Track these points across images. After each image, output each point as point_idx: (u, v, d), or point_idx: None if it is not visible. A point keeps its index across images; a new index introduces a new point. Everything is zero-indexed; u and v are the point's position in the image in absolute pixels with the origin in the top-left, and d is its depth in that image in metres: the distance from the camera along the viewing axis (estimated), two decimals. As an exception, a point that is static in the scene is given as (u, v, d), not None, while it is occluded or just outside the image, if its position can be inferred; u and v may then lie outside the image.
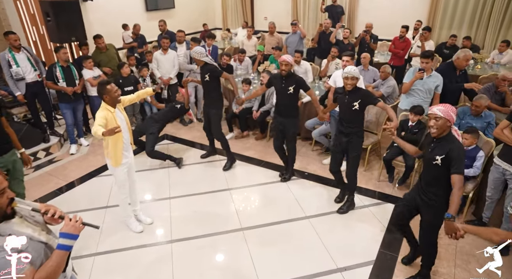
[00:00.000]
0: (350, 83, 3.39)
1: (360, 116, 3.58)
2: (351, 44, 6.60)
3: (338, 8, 8.17)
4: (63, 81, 4.85)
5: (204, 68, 4.37)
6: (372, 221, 3.65)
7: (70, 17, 5.25)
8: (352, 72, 3.36)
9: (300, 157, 4.94)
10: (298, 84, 3.92)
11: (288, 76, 3.90)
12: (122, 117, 3.16)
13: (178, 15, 9.37)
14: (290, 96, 3.95)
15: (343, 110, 3.59)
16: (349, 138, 3.60)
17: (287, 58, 3.82)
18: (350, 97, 3.48)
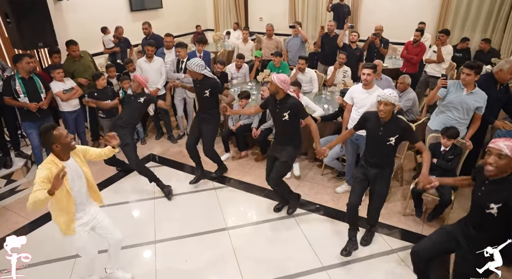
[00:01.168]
0: (384, 110, 2.73)
1: (394, 151, 2.97)
2: (359, 49, 5.92)
3: (345, 8, 7.52)
4: (24, 96, 4.04)
5: (203, 83, 3.75)
6: (405, 271, 2.95)
7: (36, 19, 4.45)
8: (387, 96, 2.69)
9: (307, 182, 4.24)
10: (293, 110, 3.20)
11: (283, 99, 3.21)
12: (77, 168, 2.37)
13: (166, 16, 8.60)
14: (286, 123, 3.25)
15: (374, 142, 2.92)
16: (379, 170, 2.94)
17: (274, 78, 3.10)
18: (386, 129, 2.81)
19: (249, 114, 4.47)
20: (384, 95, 2.71)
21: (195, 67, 3.63)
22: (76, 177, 2.35)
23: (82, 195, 2.43)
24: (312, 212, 3.73)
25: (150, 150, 5.10)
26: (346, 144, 3.82)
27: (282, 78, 3.12)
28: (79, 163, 2.39)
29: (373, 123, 2.90)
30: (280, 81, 3.10)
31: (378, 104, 2.77)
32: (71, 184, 2.31)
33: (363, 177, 3.05)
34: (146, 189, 4.15)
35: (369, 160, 2.99)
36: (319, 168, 4.51)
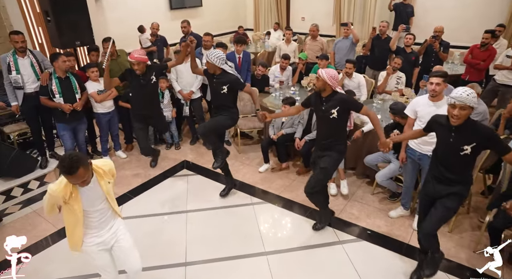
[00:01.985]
0: (457, 114, 2.21)
1: (470, 165, 2.43)
2: (414, 53, 5.33)
3: (408, 8, 6.88)
4: (60, 97, 3.89)
5: (221, 78, 3.37)
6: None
7: (74, 17, 4.31)
8: (464, 98, 2.17)
9: (356, 202, 3.77)
10: (344, 105, 2.81)
11: (330, 96, 2.82)
12: (97, 193, 2.06)
13: (205, 15, 8.38)
14: (333, 122, 2.86)
15: (445, 153, 2.42)
16: (450, 187, 2.44)
17: (320, 71, 2.75)
18: (458, 135, 2.31)
19: (289, 115, 4.07)
20: (460, 97, 2.17)
21: (215, 59, 3.25)
22: (95, 197, 2.07)
23: (103, 214, 2.17)
24: (363, 238, 3.26)
25: (184, 156, 4.82)
26: (406, 163, 3.31)
27: (332, 74, 2.73)
28: (102, 184, 2.05)
29: (443, 127, 2.40)
30: (330, 76, 2.72)
31: (450, 108, 2.25)
32: (87, 207, 2.04)
33: (431, 196, 2.56)
34: (178, 200, 3.86)
35: (438, 175, 2.47)
36: (369, 186, 4.03)
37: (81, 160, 1.83)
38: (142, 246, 3.13)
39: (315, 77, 2.82)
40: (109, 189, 2.11)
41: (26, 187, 4.05)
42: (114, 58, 4.46)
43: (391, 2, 7.08)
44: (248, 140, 5.30)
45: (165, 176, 4.35)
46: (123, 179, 4.20)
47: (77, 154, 1.85)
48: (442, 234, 3.26)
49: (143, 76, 3.77)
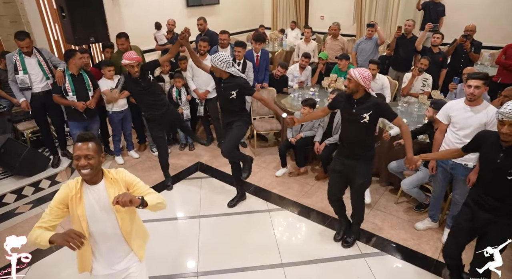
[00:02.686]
0: (510, 133, 1.96)
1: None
2: (442, 53, 5.03)
3: (439, 7, 6.52)
4: (73, 95, 3.78)
5: (229, 83, 3.14)
6: None
7: (89, 13, 4.21)
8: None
9: (379, 212, 3.54)
10: (378, 110, 2.56)
11: (363, 98, 2.58)
12: (103, 201, 1.77)
13: (222, 13, 8.23)
14: (364, 128, 2.60)
15: (490, 174, 2.16)
16: (494, 216, 2.17)
17: (351, 71, 2.51)
18: (508, 156, 2.04)
19: (315, 119, 3.85)
20: (508, 112, 1.94)
21: (219, 63, 3.01)
22: (99, 208, 1.77)
23: (108, 235, 1.82)
24: (387, 252, 3.03)
25: (198, 157, 4.66)
26: (436, 172, 3.06)
27: (365, 73, 2.48)
28: (109, 193, 1.77)
29: (490, 146, 2.15)
30: (363, 77, 2.47)
31: (500, 124, 2.01)
32: (91, 216, 1.75)
33: (470, 223, 2.30)
34: (191, 204, 3.70)
35: (480, 200, 2.23)
36: (393, 194, 3.78)
37: (96, 137, 1.77)
38: (153, 252, 3.00)
39: (347, 79, 2.59)
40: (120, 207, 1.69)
41: (37, 186, 3.97)
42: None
43: (419, 1, 6.75)
44: (264, 142, 5.10)
45: (179, 178, 4.20)
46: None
47: None
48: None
49: (141, 79, 3.45)
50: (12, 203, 3.74)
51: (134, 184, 1.86)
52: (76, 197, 1.74)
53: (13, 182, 3.88)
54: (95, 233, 1.80)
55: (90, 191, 1.77)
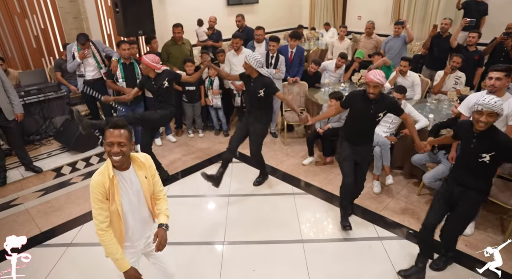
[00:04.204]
0: (486, 122, 2.15)
1: (489, 172, 2.35)
2: (479, 52, 4.99)
3: (481, 6, 6.28)
4: (123, 81, 4.25)
5: (258, 81, 3.46)
6: None
7: (139, 9, 4.65)
8: (490, 104, 2.11)
9: (400, 201, 3.67)
10: (391, 108, 2.84)
11: (378, 100, 2.81)
12: (135, 185, 1.89)
13: (261, 11, 8.53)
14: (376, 122, 2.95)
15: (466, 156, 2.37)
16: (466, 189, 2.39)
17: (374, 78, 2.67)
18: (479, 142, 2.24)
19: (328, 117, 4.04)
20: (486, 104, 2.11)
21: (253, 61, 3.33)
22: (132, 192, 1.88)
23: (136, 215, 1.94)
24: (403, 237, 3.17)
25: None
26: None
27: (382, 74, 2.70)
28: (140, 176, 1.90)
29: (465, 133, 2.35)
30: (382, 77, 2.68)
31: (477, 114, 2.17)
32: (125, 200, 1.86)
33: (448, 194, 2.50)
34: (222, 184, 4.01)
35: (457, 176, 2.45)
36: (415, 187, 3.88)
37: (127, 125, 1.82)
38: (184, 221, 3.34)
39: (372, 86, 2.72)
40: (146, 185, 1.92)
41: (88, 161, 4.48)
42: (178, 44, 4.75)
43: (459, 0, 6.62)
44: (294, 133, 5.34)
45: (211, 161, 4.54)
46: (172, 161, 4.47)
47: None
48: (493, 240, 3.07)
49: (155, 80, 3.71)
50: (68, 174, 4.25)
51: (155, 175, 2.02)
52: (111, 184, 1.78)
53: (69, 156, 4.42)
54: (127, 214, 1.89)
55: (123, 177, 1.84)
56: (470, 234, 3.16)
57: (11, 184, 3.96)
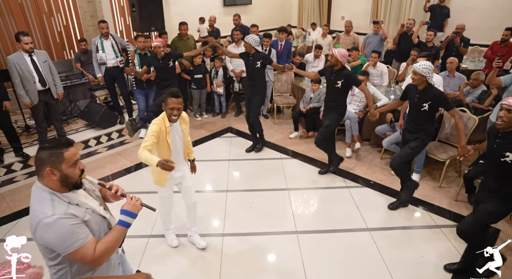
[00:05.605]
0: (413, 78, 3.15)
1: (429, 119, 3.30)
2: (435, 47, 5.97)
3: (444, 9, 7.30)
4: (139, 68, 5.11)
5: (255, 56, 4.45)
6: (444, 243, 3.21)
7: (152, 9, 5.51)
8: (417, 66, 3.10)
9: (367, 164, 4.61)
10: (348, 79, 3.77)
11: (340, 71, 3.77)
12: (179, 133, 2.76)
13: (254, 12, 9.43)
14: (338, 90, 3.86)
15: (412, 109, 3.35)
16: (413, 135, 3.39)
17: (335, 52, 3.69)
18: (420, 96, 3.20)
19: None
20: (415, 66, 3.12)
21: (252, 40, 4.37)
22: (177, 138, 2.74)
23: (178, 153, 2.80)
24: (365, 186, 4.12)
25: (229, 123, 5.91)
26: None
27: (343, 52, 3.70)
28: (183, 127, 2.77)
29: (412, 92, 3.31)
30: (341, 55, 3.66)
31: (412, 75, 3.19)
32: (173, 142, 2.69)
33: (403, 139, 3.52)
34: (222, 152, 4.91)
35: (408, 127, 3.43)
36: (379, 153, 4.83)
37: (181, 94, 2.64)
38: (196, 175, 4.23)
39: (329, 55, 3.78)
40: (186, 133, 2.81)
41: (109, 136, 5.33)
42: (184, 39, 5.65)
43: (426, 4, 7.62)
44: (282, 115, 6.28)
45: (213, 136, 5.45)
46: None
47: None
48: (433, 188, 4.03)
49: (162, 60, 4.71)
50: (94, 146, 5.11)
51: (188, 127, 2.87)
52: (166, 130, 2.61)
53: (94, 131, 5.26)
54: (173, 148, 2.71)
55: (172, 126, 2.69)
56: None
57: (50, 152, 4.80)
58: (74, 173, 1.55)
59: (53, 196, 1.52)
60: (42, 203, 1.50)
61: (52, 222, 1.45)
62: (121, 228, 1.62)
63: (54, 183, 1.53)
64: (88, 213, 1.57)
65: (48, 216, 1.46)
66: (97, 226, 1.60)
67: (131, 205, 1.66)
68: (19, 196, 4.02)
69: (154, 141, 2.56)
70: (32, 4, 5.85)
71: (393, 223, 3.50)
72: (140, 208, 1.70)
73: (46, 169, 1.50)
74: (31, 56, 4.26)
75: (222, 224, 3.52)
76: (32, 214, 1.51)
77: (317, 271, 2.92)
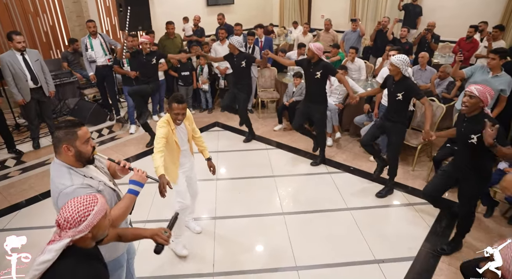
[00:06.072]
0: (390, 69, 3.48)
1: (404, 107, 3.61)
2: (409, 43, 6.38)
3: (417, 8, 7.74)
4: (127, 66, 5.29)
5: (240, 56, 4.75)
6: (417, 219, 3.56)
7: (139, 9, 5.69)
8: (393, 58, 3.42)
9: (347, 151, 4.94)
10: (326, 70, 4.07)
11: (317, 63, 4.09)
12: (184, 131, 2.90)
13: (236, 11, 9.66)
14: (318, 81, 4.13)
15: (389, 98, 3.65)
16: (393, 124, 3.65)
17: (311, 46, 4.02)
18: (396, 86, 3.52)
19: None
20: (391, 58, 3.45)
21: (236, 42, 4.66)
22: (183, 135, 2.89)
23: (185, 148, 2.96)
24: (345, 171, 4.44)
25: (216, 118, 6.15)
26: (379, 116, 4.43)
27: (318, 46, 4.02)
28: (186, 125, 2.88)
29: (390, 82, 3.62)
30: (316, 48, 4.00)
31: (389, 65, 3.51)
32: (180, 141, 2.83)
33: (379, 127, 3.81)
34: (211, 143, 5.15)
35: (387, 114, 3.73)
36: (358, 142, 5.14)
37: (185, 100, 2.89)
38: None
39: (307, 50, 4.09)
40: (188, 129, 2.90)
41: (100, 132, 5.49)
42: (171, 38, 5.85)
43: (400, 3, 8.05)
44: (267, 109, 6.56)
45: (201, 131, 5.59)
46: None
47: None
48: (407, 172, 4.39)
49: (146, 56, 4.83)
50: (85, 142, 5.25)
51: (192, 123, 3.00)
52: (172, 131, 2.73)
53: (85, 128, 5.40)
54: (180, 145, 2.84)
55: (178, 127, 2.81)
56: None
57: (43, 148, 4.93)
58: (87, 149, 1.77)
59: (70, 170, 1.75)
60: (61, 176, 1.72)
61: (71, 191, 1.67)
62: (131, 196, 1.85)
63: (70, 159, 1.75)
64: (101, 185, 1.81)
65: (67, 186, 1.68)
66: (109, 196, 1.83)
67: (138, 176, 1.90)
68: (15, 190, 4.16)
69: (164, 142, 2.66)
70: (17, 4, 5.93)
71: (372, 203, 3.83)
72: (146, 179, 1.94)
73: (63, 146, 1.71)
74: (23, 55, 4.40)
75: (214, 208, 3.76)
76: (53, 186, 1.73)
77: (303, 247, 3.21)
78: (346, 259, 3.06)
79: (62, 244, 1.33)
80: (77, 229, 1.35)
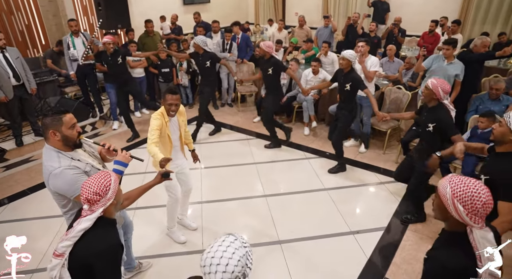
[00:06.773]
0: (341, 63, 3.87)
1: (351, 97, 4.03)
2: (377, 37, 6.79)
3: (384, 5, 8.21)
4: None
5: (205, 56, 4.88)
6: (387, 196, 3.90)
7: (118, 7, 5.81)
8: (343, 53, 3.81)
9: (323, 139, 5.25)
10: (276, 66, 4.47)
11: (268, 60, 4.51)
12: (176, 124, 2.93)
13: (212, 10, 9.85)
14: (270, 76, 4.58)
15: (339, 89, 4.10)
16: (341, 111, 4.12)
17: (261, 44, 4.39)
18: (344, 79, 3.92)
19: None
20: (342, 53, 3.86)
21: (200, 42, 4.77)
22: (176, 129, 2.92)
23: (177, 143, 2.99)
24: (322, 156, 4.75)
25: (196, 113, 6.24)
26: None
27: (268, 44, 4.46)
28: (180, 120, 2.92)
29: (340, 75, 4.02)
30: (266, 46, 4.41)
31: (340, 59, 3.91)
32: (172, 134, 2.87)
33: (335, 114, 4.25)
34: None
35: (340, 103, 4.17)
36: (333, 130, 5.50)
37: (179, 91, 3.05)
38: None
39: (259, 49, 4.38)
40: (181, 124, 2.91)
41: (83, 129, 5.56)
42: (150, 36, 6.00)
43: (369, 0, 8.48)
44: (246, 103, 6.80)
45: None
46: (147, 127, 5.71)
47: None
48: (378, 154, 4.74)
49: (111, 55, 4.94)
50: (68, 139, 5.33)
51: (185, 119, 3.02)
52: (166, 124, 2.74)
53: (67, 125, 5.47)
54: (172, 138, 2.86)
55: (171, 120, 2.84)
56: (364, 152, 4.81)
57: (26, 146, 4.98)
58: (73, 134, 1.94)
59: (59, 153, 1.93)
60: (50, 159, 1.92)
61: (59, 173, 1.87)
62: (116, 175, 1.97)
63: (57, 143, 1.93)
64: (88, 167, 2.00)
65: (55, 168, 1.88)
66: None
67: (122, 156, 2.08)
68: (1, 186, 4.22)
69: (158, 134, 2.69)
70: (-10, 3, 5.92)
71: (346, 183, 4.14)
72: (130, 159, 2.11)
73: (50, 131, 1.89)
74: (3, 52, 4.45)
75: (200, 194, 3.97)
76: (44, 168, 1.93)
77: (285, 224, 3.47)
78: (324, 232, 3.35)
79: (96, 214, 1.56)
80: (106, 197, 1.57)
